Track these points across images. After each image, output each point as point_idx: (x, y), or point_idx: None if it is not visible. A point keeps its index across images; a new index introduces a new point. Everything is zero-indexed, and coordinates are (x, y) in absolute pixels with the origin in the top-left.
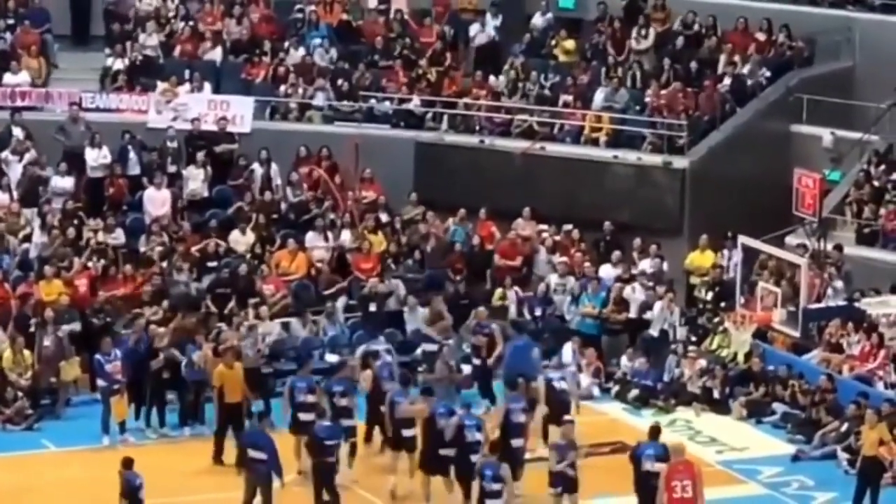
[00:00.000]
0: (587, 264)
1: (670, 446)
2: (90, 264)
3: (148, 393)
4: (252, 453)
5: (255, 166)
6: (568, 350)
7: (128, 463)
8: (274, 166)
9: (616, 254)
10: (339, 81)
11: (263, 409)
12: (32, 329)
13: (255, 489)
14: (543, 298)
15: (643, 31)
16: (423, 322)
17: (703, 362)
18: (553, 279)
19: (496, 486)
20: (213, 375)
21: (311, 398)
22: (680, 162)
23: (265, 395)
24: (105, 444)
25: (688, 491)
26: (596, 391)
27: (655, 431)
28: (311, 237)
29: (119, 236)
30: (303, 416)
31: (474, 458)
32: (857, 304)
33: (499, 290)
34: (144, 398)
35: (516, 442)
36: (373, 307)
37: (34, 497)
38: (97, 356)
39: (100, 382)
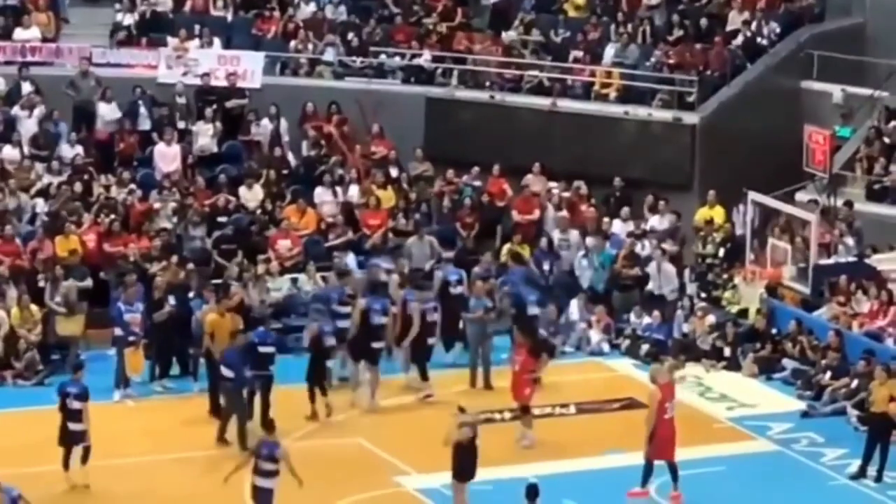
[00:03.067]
0: (606, 219)
1: (656, 368)
2: (99, 220)
3: (155, 347)
4: (224, 371)
5: (265, 122)
6: (575, 306)
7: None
8: (283, 122)
9: (625, 209)
10: (350, 36)
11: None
12: (42, 284)
13: (231, 413)
14: (550, 253)
15: None
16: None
17: (712, 318)
18: (556, 234)
19: (269, 467)
20: (206, 322)
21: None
22: (690, 118)
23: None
24: (116, 399)
25: (673, 411)
26: (606, 347)
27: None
28: (319, 192)
29: (132, 191)
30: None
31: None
32: (867, 261)
33: (508, 246)
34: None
35: (376, 344)
36: None
37: (45, 453)
38: (119, 304)
39: (116, 332)
